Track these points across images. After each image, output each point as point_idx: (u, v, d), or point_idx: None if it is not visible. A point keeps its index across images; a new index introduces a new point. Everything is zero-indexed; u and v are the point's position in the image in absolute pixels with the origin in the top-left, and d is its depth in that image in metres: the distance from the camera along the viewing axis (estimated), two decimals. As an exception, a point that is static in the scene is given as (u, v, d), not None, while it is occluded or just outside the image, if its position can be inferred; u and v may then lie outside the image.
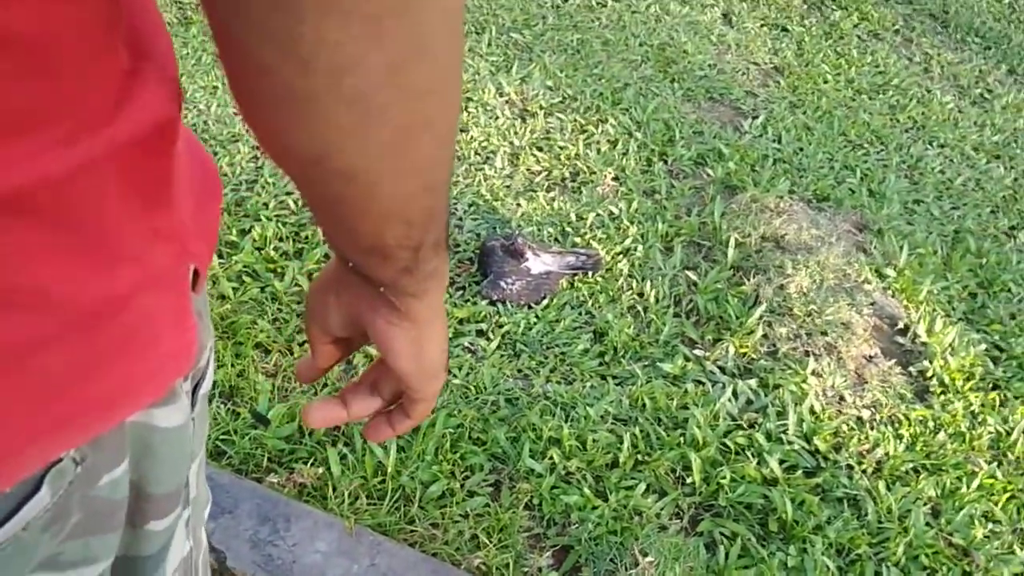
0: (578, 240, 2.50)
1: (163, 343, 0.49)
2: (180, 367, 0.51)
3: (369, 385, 0.62)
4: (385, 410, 0.64)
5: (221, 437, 1.68)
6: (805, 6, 4.53)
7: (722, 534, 1.74)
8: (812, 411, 2.03)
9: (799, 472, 1.89)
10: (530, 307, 2.22)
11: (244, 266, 2.15)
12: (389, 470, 1.66)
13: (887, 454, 1.97)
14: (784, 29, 4.24)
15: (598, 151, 2.95)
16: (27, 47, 0.36)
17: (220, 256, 2.17)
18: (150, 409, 0.50)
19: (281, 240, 2.28)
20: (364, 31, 0.36)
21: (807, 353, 2.19)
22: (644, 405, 1.96)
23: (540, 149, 2.90)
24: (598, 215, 2.61)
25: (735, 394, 2.04)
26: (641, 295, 2.33)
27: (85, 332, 0.43)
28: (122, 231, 0.44)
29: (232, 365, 1.83)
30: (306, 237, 2.32)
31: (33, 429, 0.42)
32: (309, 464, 1.66)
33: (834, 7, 4.56)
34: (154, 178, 0.46)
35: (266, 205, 2.40)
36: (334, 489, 1.61)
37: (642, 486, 1.77)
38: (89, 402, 0.44)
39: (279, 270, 2.18)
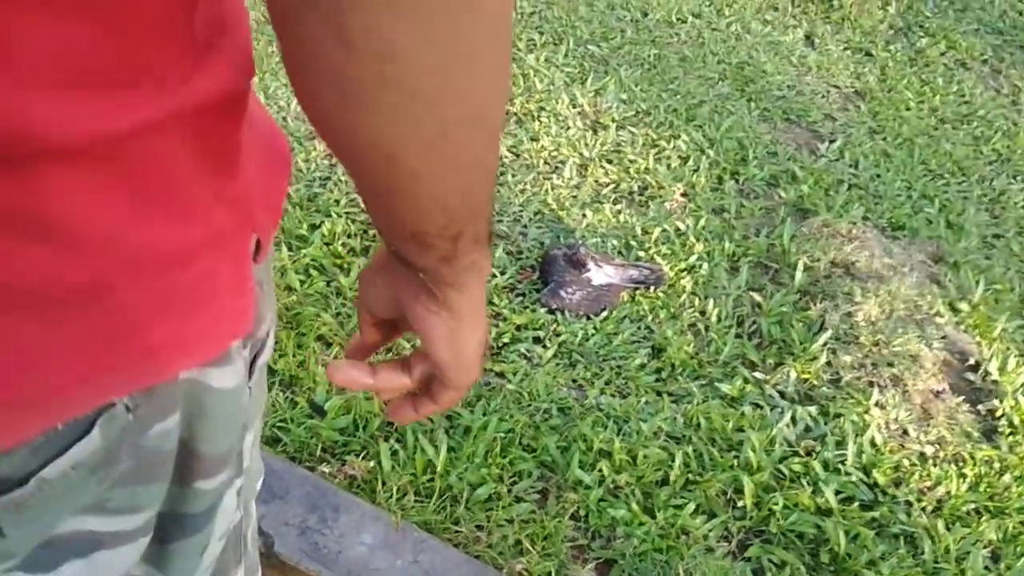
0: (642, 254, 2.48)
1: (222, 304, 0.51)
2: (237, 329, 0.53)
3: (401, 363, 0.63)
4: (412, 392, 0.65)
5: (278, 424, 1.72)
6: (891, 31, 4.44)
7: (771, 561, 1.70)
8: (873, 443, 1.98)
9: (855, 504, 1.84)
10: (589, 318, 2.21)
11: (312, 260, 2.19)
12: (438, 469, 1.67)
13: (949, 493, 1.91)
14: (868, 54, 4.15)
15: (668, 166, 2.93)
16: (115, 11, 0.38)
17: (289, 249, 2.22)
18: (205, 368, 0.52)
19: (349, 236, 2.32)
20: (413, 28, 0.37)
21: (871, 383, 2.14)
22: (699, 424, 1.93)
23: (610, 161, 2.90)
24: (664, 230, 2.59)
25: (793, 420, 2.00)
26: (703, 313, 2.30)
27: (147, 280, 0.45)
28: (189, 189, 0.46)
29: (293, 355, 1.87)
30: (373, 235, 2.36)
31: (85, 369, 0.44)
32: (361, 457, 1.68)
33: (921, 34, 4.46)
34: (222, 144, 0.48)
35: (337, 202, 2.44)
36: (383, 483, 1.63)
37: (691, 506, 1.75)
38: (144, 350, 0.46)
39: (345, 266, 2.22)
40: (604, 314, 2.23)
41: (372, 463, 1.66)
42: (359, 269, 2.18)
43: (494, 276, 2.29)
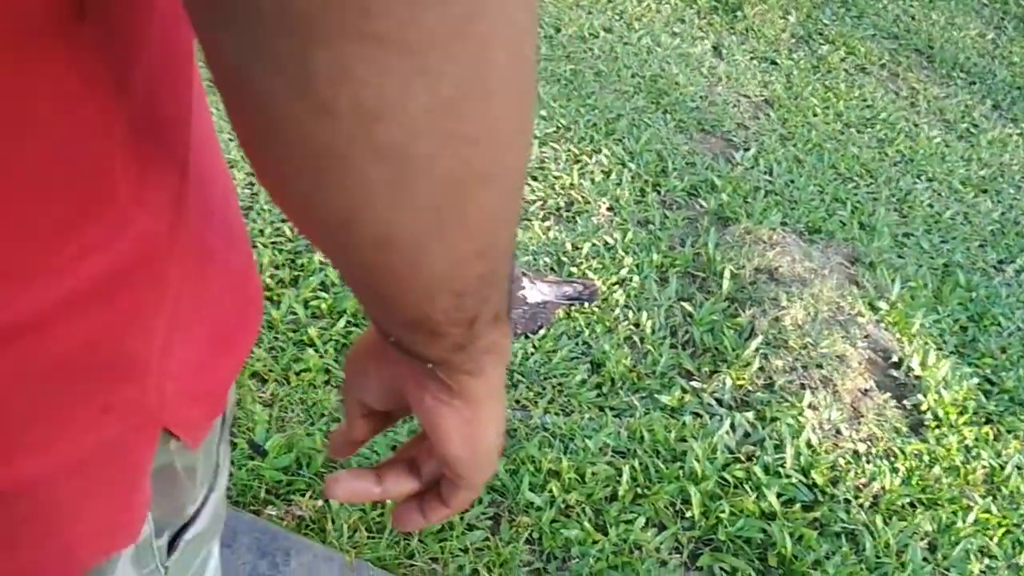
0: (574, 270, 2.50)
1: (93, 524, 0.43)
2: (112, 546, 0.45)
3: (407, 462, 0.54)
4: (418, 493, 0.55)
5: (218, 468, 1.66)
6: (793, 40, 4.59)
7: (722, 569, 1.73)
8: (809, 444, 2.03)
9: (797, 506, 1.88)
10: (527, 336, 2.21)
11: (240, 293, 2.13)
12: (388, 503, 1.64)
13: (883, 488, 1.98)
14: (773, 62, 4.29)
15: (592, 181, 2.96)
16: None
17: (216, 283, 2.15)
18: None
19: (277, 268, 2.27)
20: (405, 65, 0.27)
21: (803, 386, 2.20)
22: (642, 437, 1.95)
23: (535, 178, 2.91)
24: (593, 245, 2.61)
25: (733, 427, 2.04)
26: (637, 326, 2.33)
27: None
28: (43, 418, 0.37)
29: (228, 394, 1.81)
30: (302, 265, 2.31)
31: None
32: (307, 496, 1.64)
33: (822, 41, 4.63)
34: (123, 334, 0.38)
35: (262, 232, 2.38)
36: (333, 522, 1.59)
37: (641, 520, 1.76)
38: None
39: (275, 298, 2.16)
40: (541, 332, 2.23)
41: (320, 502, 1.62)
42: (289, 300, 2.14)
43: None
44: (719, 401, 2.13)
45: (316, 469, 1.71)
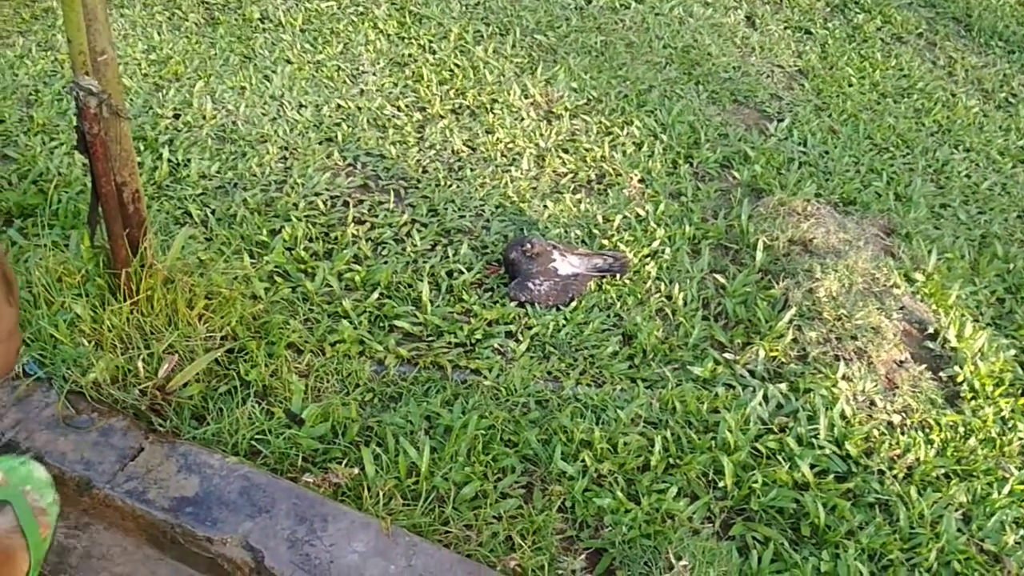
0: (605, 242, 2.50)
1: None
2: None
3: None
4: None
5: (256, 437, 1.69)
6: (828, 9, 4.52)
7: (754, 538, 1.73)
8: (843, 416, 2.02)
9: (830, 477, 1.88)
10: (558, 309, 2.22)
11: (275, 266, 2.16)
12: (423, 471, 1.66)
13: (918, 459, 1.96)
14: (807, 32, 4.22)
15: (624, 153, 2.95)
16: None
17: (251, 256, 2.18)
18: None
19: (311, 240, 2.29)
20: None
21: (837, 357, 2.19)
22: (675, 408, 1.96)
23: (566, 151, 2.91)
24: (625, 217, 2.61)
25: (766, 398, 2.03)
26: (669, 298, 2.33)
27: None
28: None
29: (265, 365, 1.84)
30: (335, 238, 2.33)
31: None
32: (343, 464, 1.66)
33: (857, 10, 4.55)
34: None
35: (296, 206, 2.41)
36: (369, 489, 1.61)
37: (674, 489, 1.76)
38: None
39: (310, 270, 2.19)
40: (573, 304, 2.24)
41: (355, 469, 1.64)
42: (324, 273, 2.16)
43: (461, 272, 2.28)
44: (752, 372, 2.13)
45: (352, 438, 1.73)
